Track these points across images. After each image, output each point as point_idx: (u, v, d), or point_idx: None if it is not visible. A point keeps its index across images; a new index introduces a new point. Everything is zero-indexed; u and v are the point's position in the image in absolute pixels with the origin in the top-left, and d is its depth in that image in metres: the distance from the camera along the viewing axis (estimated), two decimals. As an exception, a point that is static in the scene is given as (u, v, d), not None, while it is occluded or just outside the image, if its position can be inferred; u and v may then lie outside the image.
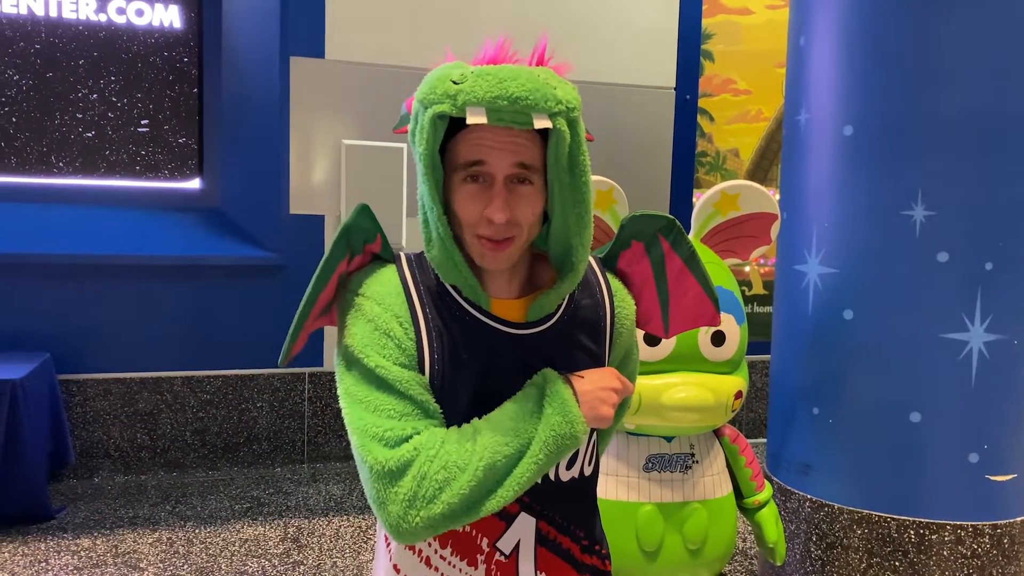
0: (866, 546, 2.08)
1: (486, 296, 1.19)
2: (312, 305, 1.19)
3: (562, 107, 1.11)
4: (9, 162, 3.91)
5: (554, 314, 1.22)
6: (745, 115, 4.75)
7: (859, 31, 2.06)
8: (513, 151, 1.13)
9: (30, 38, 3.88)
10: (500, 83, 1.08)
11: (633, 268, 1.35)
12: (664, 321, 1.37)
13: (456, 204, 1.15)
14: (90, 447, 3.79)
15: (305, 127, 3.94)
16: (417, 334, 1.16)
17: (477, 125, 1.12)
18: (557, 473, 1.24)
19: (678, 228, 1.33)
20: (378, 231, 1.24)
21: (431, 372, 1.15)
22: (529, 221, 1.16)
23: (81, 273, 3.74)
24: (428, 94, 1.13)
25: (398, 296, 1.18)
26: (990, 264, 1.96)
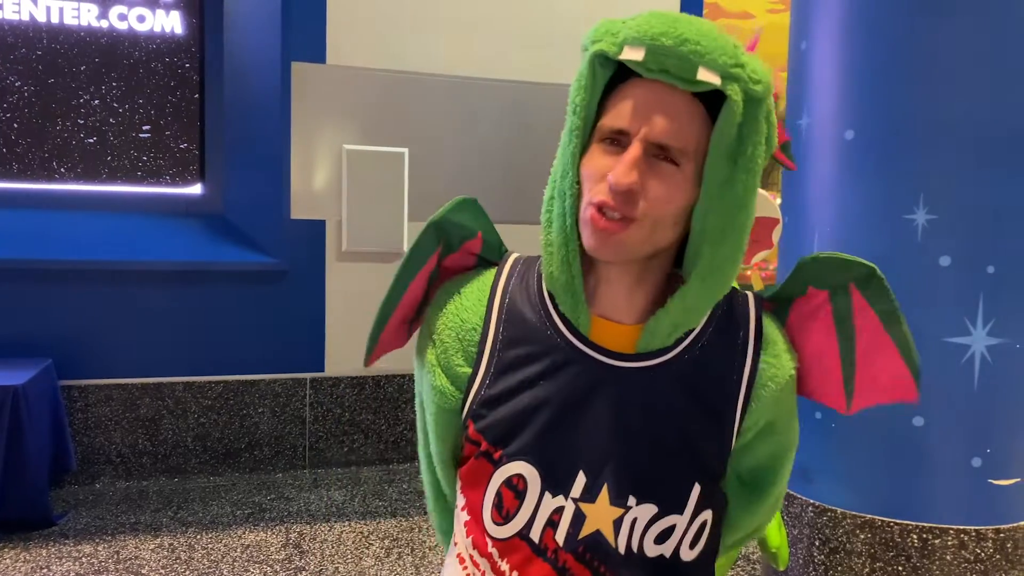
0: (869, 551, 2.07)
1: (586, 313, 0.98)
2: (393, 305, 1.05)
3: (743, 72, 0.89)
4: (11, 168, 3.91)
5: (671, 349, 0.99)
6: (746, 119, 4.76)
7: (860, 35, 2.06)
8: (666, 110, 0.90)
9: (32, 44, 3.89)
10: (672, 22, 0.90)
11: (811, 322, 1.06)
12: (847, 392, 1.05)
13: (582, 170, 0.95)
14: (92, 453, 3.79)
15: (306, 132, 3.95)
16: (478, 356, 1.02)
17: (633, 83, 0.93)
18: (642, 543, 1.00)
19: (879, 279, 1.02)
20: (479, 228, 1.07)
21: (476, 396, 1.01)
22: (660, 210, 0.91)
23: (82, 279, 3.75)
24: (591, 34, 0.96)
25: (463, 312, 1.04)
26: (992, 268, 1.96)
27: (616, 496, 0.99)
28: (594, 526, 0.99)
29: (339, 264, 3.99)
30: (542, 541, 1.01)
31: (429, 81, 4.06)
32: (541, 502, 1.00)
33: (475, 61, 4.08)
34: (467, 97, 4.08)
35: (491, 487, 1.02)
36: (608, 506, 0.99)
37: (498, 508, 1.02)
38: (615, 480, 0.99)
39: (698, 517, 1.01)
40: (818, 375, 1.06)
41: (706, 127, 0.93)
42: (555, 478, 0.99)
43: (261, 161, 3.99)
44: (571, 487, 0.99)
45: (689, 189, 0.93)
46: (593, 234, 0.93)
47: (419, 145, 4.05)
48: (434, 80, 4.06)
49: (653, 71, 0.90)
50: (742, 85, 0.90)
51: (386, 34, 4.00)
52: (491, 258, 1.10)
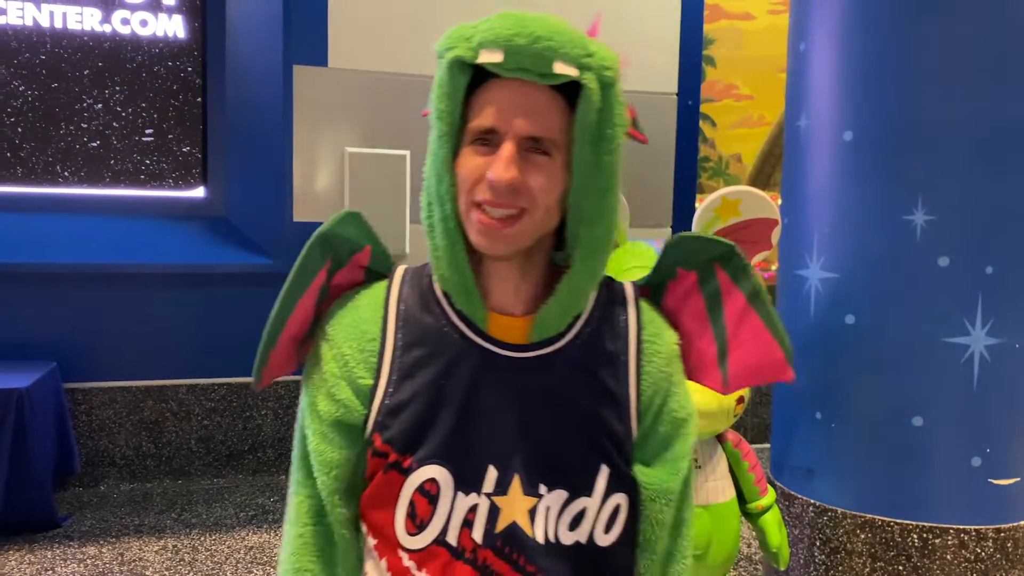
0: (869, 550, 2.08)
1: (482, 308, 1.01)
2: (283, 319, 1.05)
3: (594, 61, 0.93)
4: (15, 172, 3.93)
5: (562, 336, 1.03)
6: (747, 120, 4.76)
7: (859, 37, 2.07)
8: (531, 108, 0.94)
9: (35, 49, 3.91)
10: (522, 22, 0.93)
11: (684, 304, 1.11)
12: (723, 372, 1.10)
13: (458, 169, 0.97)
14: (96, 455, 3.81)
15: (308, 135, 3.96)
16: (377, 366, 1.02)
17: (493, 83, 0.96)
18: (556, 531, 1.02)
19: (739, 257, 1.08)
20: (367, 241, 1.08)
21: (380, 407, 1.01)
22: (542, 200, 0.95)
23: (86, 282, 3.76)
24: (444, 42, 0.99)
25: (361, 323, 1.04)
26: (991, 268, 1.97)
27: (528, 485, 1.01)
28: (510, 518, 1.00)
29: (341, 266, 4.00)
30: (459, 543, 1.01)
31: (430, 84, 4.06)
32: (455, 503, 1.00)
33: (476, 63, 4.08)
34: (468, 99, 4.09)
35: (402, 498, 1.01)
36: (522, 496, 1.00)
37: (412, 518, 1.01)
38: (525, 470, 1.00)
39: (609, 500, 1.03)
40: (695, 355, 1.11)
41: (568, 116, 0.97)
42: (466, 476, 1.00)
43: (263, 164, 4.00)
44: (483, 483, 1.00)
45: (562, 176, 0.97)
46: (481, 233, 0.96)
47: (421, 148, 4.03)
48: (435, 83, 4.06)
49: (511, 70, 0.93)
50: (595, 73, 0.94)
51: (387, 37, 4.01)
52: (380, 270, 1.10)
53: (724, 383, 1.10)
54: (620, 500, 1.04)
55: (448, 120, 0.97)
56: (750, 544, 3.20)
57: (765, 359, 1.09)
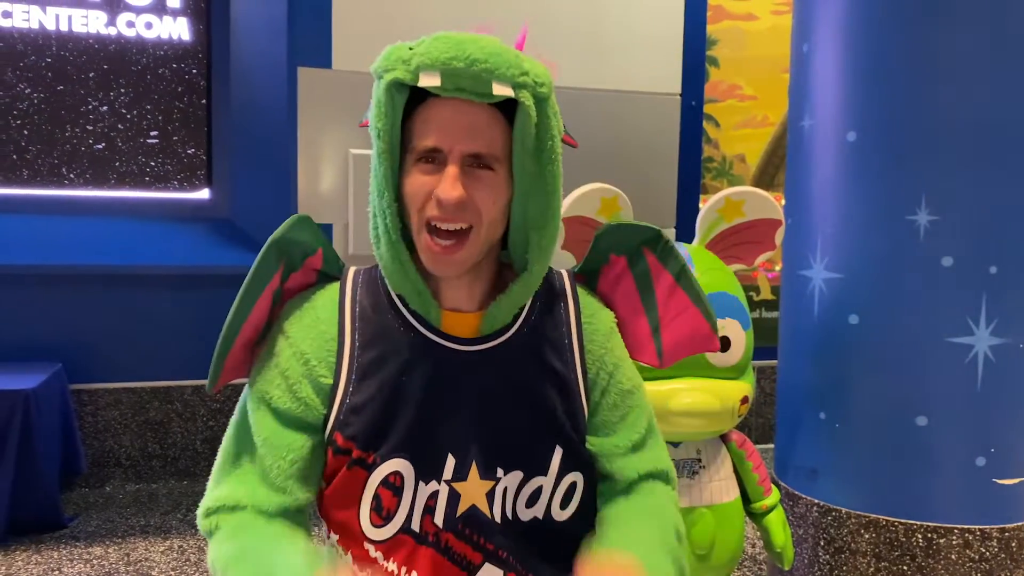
0: (874, 550, 2.08)
1: (436, 307, 1.06)
2: (239, 324, 1.08)
3: (528, 79, 0.98)
4: (20, 174, 3.95)
5: (509, 327, 1.08)
6: (751, 120, 4.76)
7: (862, 37, 2.07)
8: (470, 134, 0.99)
9: (41, 52, 3.92)
10: (458, 45, 0.97)
11: (616, 288, 1.19)
12: (657, 347, 1.18)
13: (406, 188, 1.02)
14: (101, 456, 3.82)
15: (313, 137, 3.97)
16: (336, 367, 1.04)
17: (433, 102, 1.00)
18: (514, 509, 1.07)
19: (665, 240, 1.17)
20: (319, 244, 1.12)
21: (341, 406, 1.03)
22: (488, 213, 1.00)
23: (92, 284, 3.78)
24: (382, 63, 1.03)
25: (318, 324, 1.06)
26: (995, 268, 1.97)
27: (485, 470, 1.06)
28: (469, 502, 1.06)
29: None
30: (423, 529, 1.05)
31: (434, 85, 4.08)
32: (416, 492, 1.04)
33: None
34: (472, 101, 4.10)
35: (367, 493, 1.04)
36: (479, 480, 1.06)
37: (377, 511, 1.05)
38: (482, 456, 1.05)
39: (565, 478, 1.09)
40: (631, 334, 1.18)
41: (506, 129, 1.02)
42: (426, 467, 1.05)
43: (268, 165, 4.01)
44: (442, 471, 1.05)
45: (506, 187, 1.03)
46: (431, 258, 1.01)
47: (425, 149, 4.07)
48: (439, 84, 4.07)
49: (450, 91, 0.97)
50: (531, 90, 0.99)
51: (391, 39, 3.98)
52: (332, 272, 1.14)
53: (659, 357, 1.18)
54: (575, 478, 1.11)
55: (387, 139, 1.01)
56: (754, 544, 3.20)
57: (694, 332, 1.18)
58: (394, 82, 0.99)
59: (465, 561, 1.06)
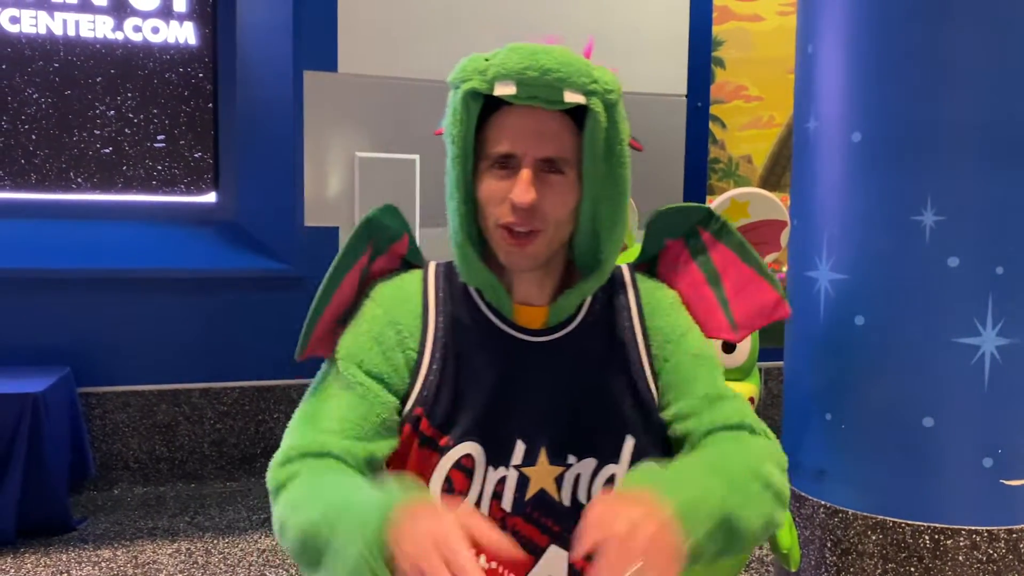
0: (881, 552, 2.08)
1: (508, 300, 1.11)
2: (327, 299, 1.12)
3: (598, 86, 1.03)
4: (29, 179, 3.97)
5: (574, 317, 1.13)
6: (757, 121, 4.75)
7: (866, 38, 2.07)
8: (543, 140, 1.04)
9: (49, 57, 3.95)
10: (532, 55, 1.01)
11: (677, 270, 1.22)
12: (729, 319, 1.20)
13: (481, 191, 1.07)
14: (110, 459, 3.84)
15: (319, 140, 3.98)
16: (421, 343, 1.10)
17: (507, 110, 1.05)
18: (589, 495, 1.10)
19: (717, 217, 1.20)
20: (404, 231, 1.17)
21: (425, 382, 1.08)
22: (558, 214, 1.05)
23: (100, 287, 3.80)
24: (459, 74, 1.07)
25: (408, 302, 1.12)
26: (1001, 268, 1.96)
27: (554, 456, 1.09)
28: (538, 486, 1.09)
29: (352, 270, 4.02)
30: (490, 513, 1.08)
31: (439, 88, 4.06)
32: (486, 477, 1.08)
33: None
34: (477, 103, 4.11)
35: (438, 474, 1.08)
36: (548, 466, 1.09)
37: (449, 492, 1.08)
38: (550, 442, 1.09)
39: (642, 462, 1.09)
40: (701, 311, 1.20)
41: (576, 134, 1.06)
42: (496, 452, 1.08)
43: (274, 169, 4.03)
44: (511, 456, 1.08)
45: (575, 190, 1.07)
46: (507, 252, 1.07)
47: (430, 152, 4.08)
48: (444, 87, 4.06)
49: (524, 99, 1.02)
50: (600, 97, 1.03)
51: (396, 42, 4.03)
52: (415, 261, 1.20)
53: (732, 328, 1.20)
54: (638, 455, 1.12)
55: (460, 145, 1.06)
56: (761, 546, 3.19)
57: (762, 301, 1.20)
58: (470, 91, 1.04)
59: (531, 544, 1.09)
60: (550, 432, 1.09)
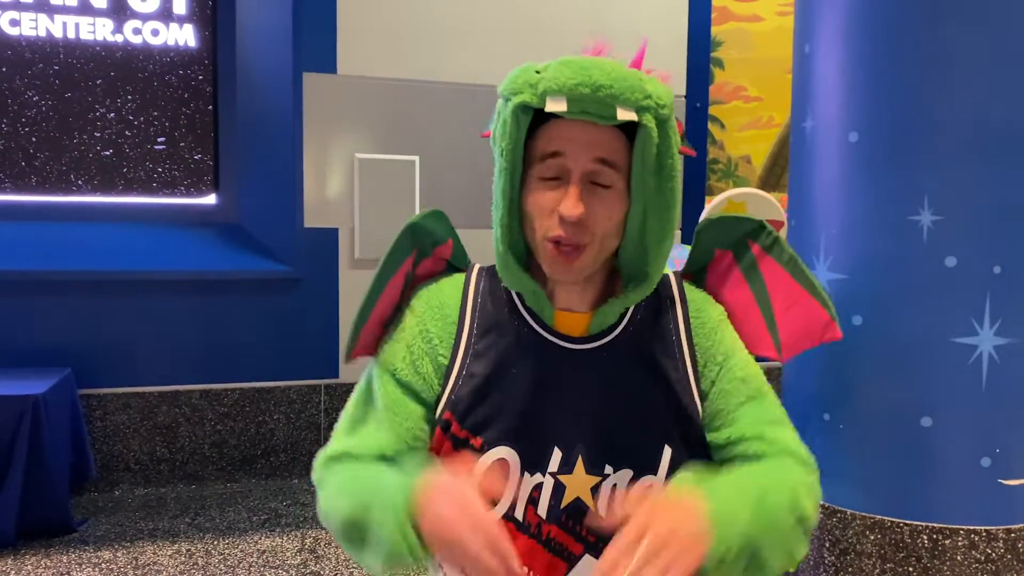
0: (879, 552, 2.08)
1: (550, 307, 1.10)
2: (373, 301, 1.12)
3: (651, 102, 1.01)
4: (29, 181, 3.98)
5: (616, 326, 1.11)
6: (756, 122, 4.75)
7: (863, 38, 2.07)
8: (594, 145, 1.03)
9: (49, 59, 3.95)
10: (584, 70, 0.99)
11: (725, 282, 1.20)
12: (775, 340, 1.17)
13: (528, 203, 1.06)
14: (110, 460, 3.84)
15: (318, 142, 3.99)
16: (454, 349, 1.10)
17: (557, 119, 1.04)
18: None
19: (769, 231, 1.18)
20: (450, 235, 1.18)
21: (455, 387, 1.09)
22: (605, 228, 1.05)
23: (100, 289, 3.80)
24: (509, 85, 1.05)
25: (443, 307, 1.12)
26: (998, 268, 1.96)
27: (591, 465, 1.08)
28: (574, 494, 1.07)
29: (352, 271, 4.03)
30: (525, 518, 1.08)
31: (439, 89, 4.09)
32: (521, 482, 1.07)
33: (484, 69, 4.10)
34: (476, 104, 4.11)
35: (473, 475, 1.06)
36: (584, 475, 1.07)
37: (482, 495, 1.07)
38: (588, 451, 1.07)
39: (679, 471, 1.08)
40: (746, 328, 1.17)
41: (626, 146, 1.05)
42: (532, 458, 1.07)
43: (274, 171, 4.03)
44: (548, 463, 1.07)
45: (623, 202, 1.06)
46: (552, 265, 1.06)
47: (430, 153, 4.09)
48: (444, 88, 4.09)
49: (575, 114, 1.00)
50: (653, 112, 1.02)
51: (396, 43, 4.03)
52: (459, 264, 1.20)
53: (778, 350, 1.17)
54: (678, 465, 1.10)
55: (510, 158, 1.05)
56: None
57: (812, 322, 1.17)
58: (520, 105, 1.02)
59: (566, 552, 1.09)
60: (587, 441, 1.08)
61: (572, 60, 1.02)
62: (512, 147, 1.04)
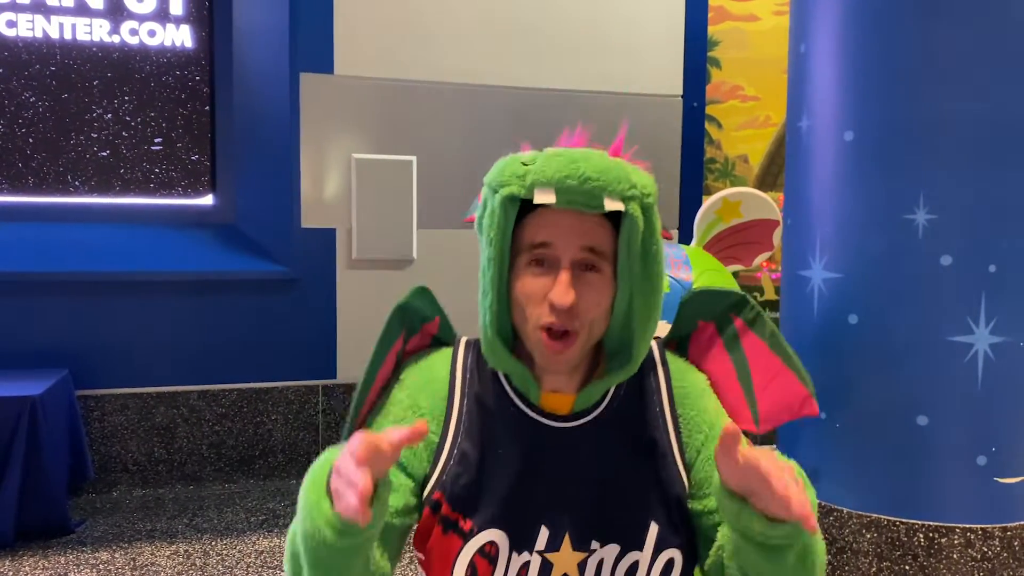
0: (876, 550, 2.08)
1: (536, 387, 1.11)
2: (371, 383, 1.14)
3: (636, 191, 1.05)
4: (26, 182, 3.98)
5: (600, 402, 1.13)
6: (753, 121, 4.76)
7: (858, 37, 2.08)
8: (581, 233, 1.05)
9: (45, 60, 3.95)
10: (571, 163, 1.02)
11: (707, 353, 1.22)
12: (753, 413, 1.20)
13: (518, 290, 1.08)
14: (108, 461, 3.84)
15: (315, 142, 3.99)
16: (444, 426, 1.10)
17: (545, 208, 1.06)
18: None
19: (752, 305, 1.21)
20: (436, 313, 1.19)
21: (445, 465, 1.09)
22: (595, 314, 1.07)
23: (98, 290, 3.80)
24: (497, 177, 1.07)
25: (433, 383, 1.13)
26: (993, 266, 1.97)
27: (578, 542, 1.08)
28: (561, 571, 1.08)
29: (349, 272, 4.03)
30: None
31: (436, 89, 4.09)
32: (509, 562, 1.07)
33: (481, 69, 4.11)
34: (474, 104, 4.11)
35: (462, 559, 1.08)
36: (571, 552, 1.08)
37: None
38: (575, 528, 1.08)
39: (661, 555, 1.10)
40: (726, 399, 1.19)
41: (611, 232, 1.08)
42: (520, 538, 1.08)
43: (271, 171, 4.03)
44: (535, 542, 1.07)
45: (611, 286, 1.08)
46: (544, 354, 1.07)
47: (427, 153, 4.09)
48: (441, 88, 4.09)
49: (562, 204, 1.03)
50: (638, 201, 1.05)
51: (393, 44, 4.03)
52: (446, 339, 1.21)
53: (755, 422, 1.19)
54: (673, 555, 1.11)
55: (499, 246, 1.07)
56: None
57: (790, 396, 1.19)
58: (509, 196, 1.05)
59: None
60: (574, 518, 1.09)
61: (559, 152, 1.05)
62: (501, 237, 1.06)
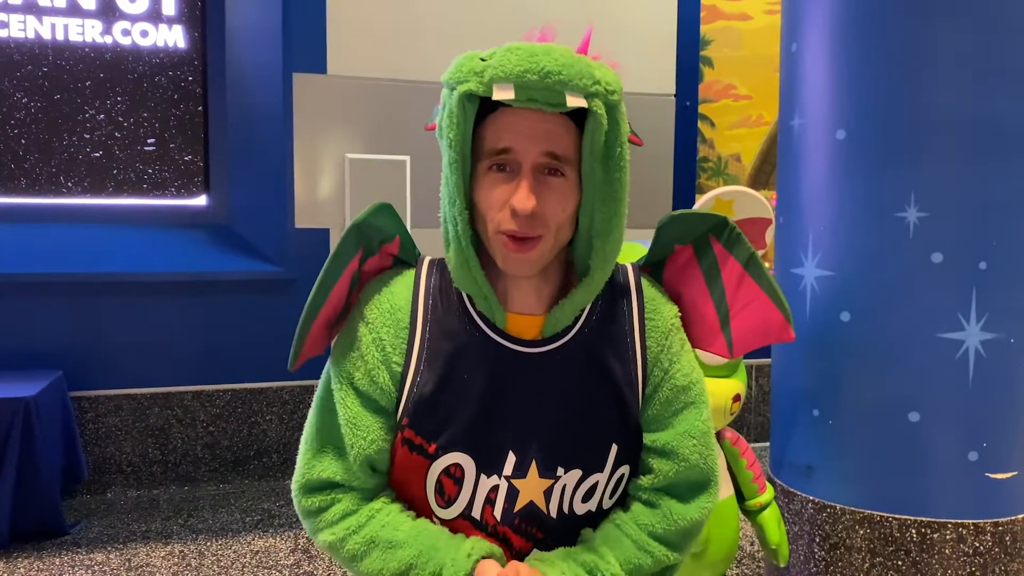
0: (868, 546, 2.09)
1: (501, 310, 1.07)
2: (318, 305, 1.10)
3: (600, 88, 0.98)
4: (19, 183, 3.97)
5: (571, 328, 1.09)
6: (746, 120, 4.77)
7: (850, 36, 2.09)
8: (543, 138, 1.00)
9: (38, 61, 3.94)
10: (531, 57, 0.96)
11: (682, 276, 1.18)
12: (727, 339, 1.16)
13: (479, 196, 1.03)
14: (102, 463, 3.83)
15: (309, 142, 3.99)
16: (407, 355, 1.08)
17: (506, 110, 1.01)
18: (571, 505, 1.11)
19: (732, 227, 1.15)
20: (396, 232, 1.14)
21: (409, 394, 1.07)
22: (559, 219, 1.02)
23: (91, 291, 3.79)
24: (454, 74, 1.02)
25: (395, 311, 1.09)
26: (984, 264, 1.98)
27: (544, 469, 1.09)
28: (527, 498, 1.09)
29: (343, 272, 4.02)
30: (483, 518, 1.10)
31: (429, 89, 4.09)
32: (478, 484, 1.08)
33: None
34: (467, 104, 4.11)
35: (430, 478, 1.09)
36: (538, 479, 1.08)
37: (440, 494, 1.09)
38: (541, 455, 1.08)
39: (617, 471, 1.12)
40: (698, 324, 1.17)
41: (576, 135, 1.02)
42: (487, 461, 1.08)
43: (265, 171, 4.03)
44: (503, 467, 1.07)
45: (576, 193, 1.03)
46: (506, 257, 1.02)
47: (420, 153, 4.09)
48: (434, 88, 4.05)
49: (523, 102, 0.98)
50: (602, 98, 0.99)
51: (386, 44, 4.03)
52: (407, 259, 1.16)
53: (729, 348, 1.16)
54: (624, 470, 1.13)
55: (458, 148, 1.02)
56: (752, 542, 3.21)
57: (765, 321, 1.15)
58: (467, 94, 0.99)
59: (516, 551, 1.11)
60: (541, 445, 1.08)
61: (519, 46, 0.99)
62: (460, 138, 1.01)
